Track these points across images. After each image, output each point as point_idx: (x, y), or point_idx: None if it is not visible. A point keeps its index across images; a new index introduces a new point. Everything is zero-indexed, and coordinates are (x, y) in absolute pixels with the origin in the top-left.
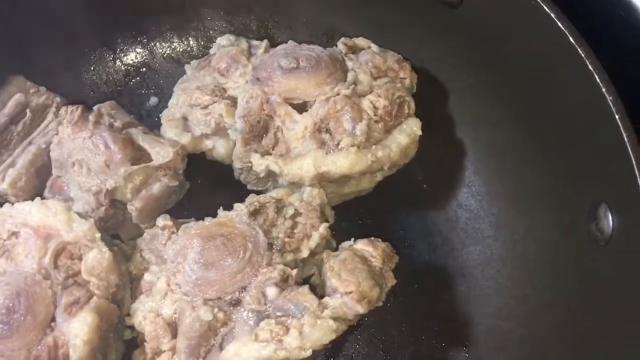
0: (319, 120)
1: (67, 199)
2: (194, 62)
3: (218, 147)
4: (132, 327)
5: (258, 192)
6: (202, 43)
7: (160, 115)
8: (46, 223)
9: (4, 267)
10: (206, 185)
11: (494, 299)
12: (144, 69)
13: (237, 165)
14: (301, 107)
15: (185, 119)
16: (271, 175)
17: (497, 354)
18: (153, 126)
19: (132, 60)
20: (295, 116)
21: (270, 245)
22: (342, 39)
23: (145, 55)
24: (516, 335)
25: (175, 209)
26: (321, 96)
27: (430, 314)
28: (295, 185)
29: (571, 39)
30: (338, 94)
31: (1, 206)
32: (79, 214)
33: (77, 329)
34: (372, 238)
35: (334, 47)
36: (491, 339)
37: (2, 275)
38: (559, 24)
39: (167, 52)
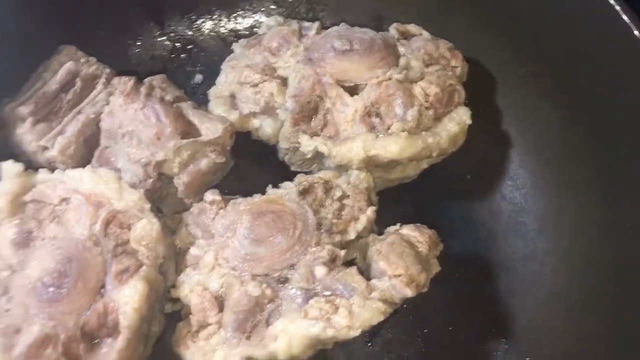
0: (370, 103)
1: (114, 169)
2: (242, 41)
3: (265, 127)
4: (173, 301)
5: (302, 174)
6: (249, 23)
7: (204, 92)
8: (97, 191)
9: (55, 232)
10: (249, 164)
11: (535, 292)
12: (190, 46)
13: (283, 145)
14: (352, 90)
15: (233, 96)
16: (317, 157)
17: (537, 347)
18: (197, 103)
19: (179, 37)
20: (346, 99)
21: (319, 225)
22: (395, 24)
23: (192, 32)
24: (557, 330)
25: (218, 186)
26: (373, 80)
27: (470, 304)
28: (342, 168)
29: (636, 31)
30: (390, 79)
31: (51, 173)
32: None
33: (128, 296)
34: (418, 224)
35: (386, 32)
36: (531, 333)
37: (53, 239)
38: (623, 17)
39: (214, 30)
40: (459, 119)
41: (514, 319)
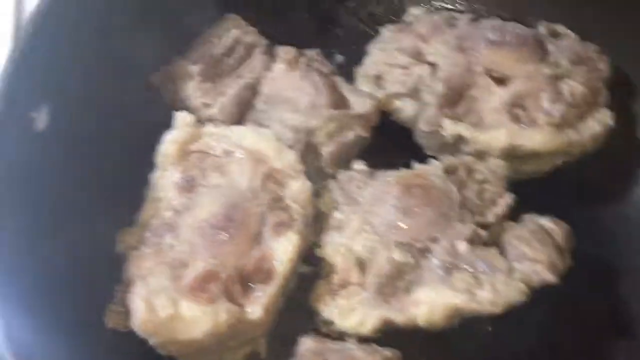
0: (517, 95)
1: None
2: (391, 26)
3: (406, 108)
4: (307, 263)
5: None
6: (392, 9)
7: (344, 73)
8: (259, 148)
9: (218, 181)
10: (384, 143)
11: None
12: (333, 27)
13: (423, 127)
14: (499, 81)
15: (379, 77)
16: (456, 142)
17: None
18: None
19: (323, 17)
20: (494, 88)
21: (462, 204)
22: (544, 22)
23: (336, 13)
24: None
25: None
26: (523, 73)
27: (591, 308)
28: (478, 155)
29: None
30: (540, 74)
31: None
32: None
33: (284, 246)
34: (554, 217)
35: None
36: None
37: (217, 187)
38: None
39: (359, 13)
40: (602, 120)
41: (636, 322)
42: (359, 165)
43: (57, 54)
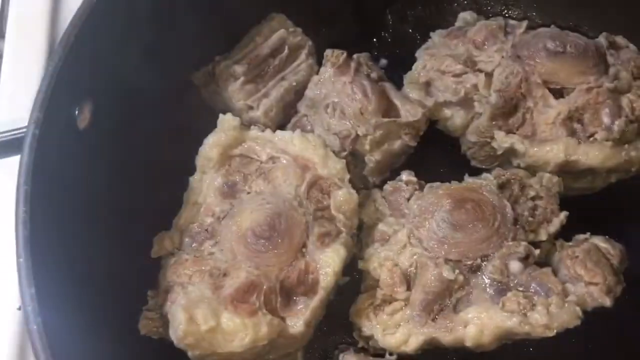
0: (575, 108)
1: None
2: (441, 31)
3: (455, 118)
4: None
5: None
6: (440, 14)
7: (389, 77)
8: (305, 155)
9: (262, 188)
10: (429, 152)
11: None
12: (378, 30)
13: (471, 138)
14: (556, 92)
15: (428, 83)
16: (505, 155)
17: None
18: None
19: (368, 19)
20: (551, 100)
21: (515, 221)
22: (604, 33)
23: (382, 16)
24: None
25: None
26: (583, 85)
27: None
28: (530, 170)
29: None
30: (600, 86)
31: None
32: None
33: (330, 259)
34: (607, 237)
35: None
36: None
37: (260, 194)
38: None
39: (405, 16)
40: None
41: None
42: (407, 176)
43: (99, 51)
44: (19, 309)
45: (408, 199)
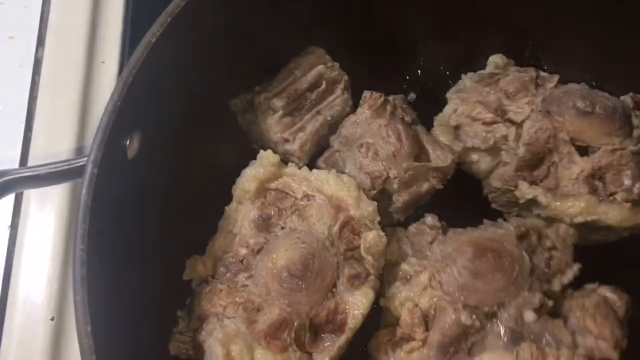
0: (598, 167)
1: (339, 171)
2: (472, 75)
3: (481, 163)
4: None
5: (501, 213)
6: (470, 55)
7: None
8: (339, 195)
9: (296, 225)
10: (451, 192)
11: None
12: (411, 64)
13: (495, 184)
14: (581, 149)
15: (458, 127)
16: (526, 203)
17: None
18: None
19: (401, 54)
20: (576, 157)
21: (531, 271)
22: (630, 93)
23: (414, 52)
24: None
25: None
26: (608, 146)
27: None
28: (548, 220)
29: None
30: (624, 149)
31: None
32: None
33: (359, 301)
34: (616, 287)
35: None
36: None
37: (295, 231)
38: None
39: (437, 53)
40: None
41: None
42: (431, 220)
43: (151, 89)
44: (52, 319)
45: (431, 243)
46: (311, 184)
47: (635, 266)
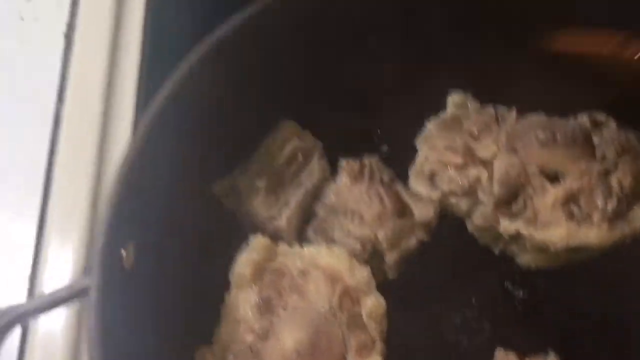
0: (571, 193)
1: (329, 240)
2: (435, 120)
3: (461, 204)
4: None
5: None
6: (434, 98)
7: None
8: (333, 267)
9: (297, 303)
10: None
11: None
12: (378, 120)
13: (477, 222)
14: (552, 178)
15: (433, 174)
16: (512, 238)
17: None
18: None
19: (368, 109)
20: (548, 187)
21: None
22: (586, 113)
23: (378, 105)
24: None
25: None
26: (575, 171)
27: None
28: (538, 250)
29: None
30: (590, 170)
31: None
32: None
33: None
34: None
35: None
36: None
37: (296, 310)
38: None
39: (402, 105)
40: None
41: None
42: None
43: (139, 199)
44: None
45: None
46: (305, 259)
47: (620, 287)
